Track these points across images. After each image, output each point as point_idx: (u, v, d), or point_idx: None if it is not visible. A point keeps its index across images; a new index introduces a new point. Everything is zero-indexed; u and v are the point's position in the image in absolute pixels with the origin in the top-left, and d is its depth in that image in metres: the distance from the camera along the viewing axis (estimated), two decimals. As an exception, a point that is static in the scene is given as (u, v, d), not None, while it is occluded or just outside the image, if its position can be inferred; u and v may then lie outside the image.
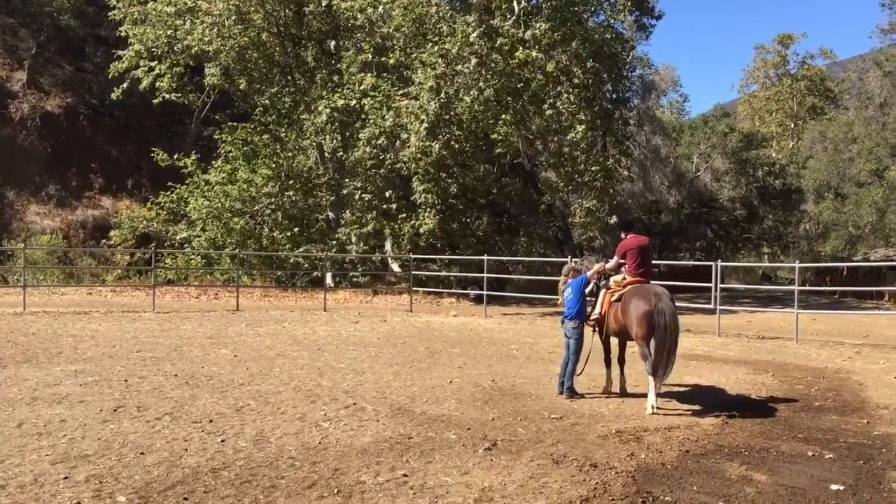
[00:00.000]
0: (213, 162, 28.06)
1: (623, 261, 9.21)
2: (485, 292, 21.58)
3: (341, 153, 26.19)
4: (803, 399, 9.40)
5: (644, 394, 8.70)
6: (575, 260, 11.73)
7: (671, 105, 65.92)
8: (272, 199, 26.64)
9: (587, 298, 9.29)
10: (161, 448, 6.50)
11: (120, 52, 26.85)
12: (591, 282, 9.36)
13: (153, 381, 9.54)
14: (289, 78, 27.32)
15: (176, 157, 27.17)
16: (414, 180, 25.12)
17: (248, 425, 7.37)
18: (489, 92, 22.44)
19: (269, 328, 16.13)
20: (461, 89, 22.40)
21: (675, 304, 8.57)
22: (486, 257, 22.40)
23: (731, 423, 7.96)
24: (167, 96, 26.58)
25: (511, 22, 22.56)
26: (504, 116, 23.49)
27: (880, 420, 8.27)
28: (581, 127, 22.74)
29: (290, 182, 26.92)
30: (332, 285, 25.40)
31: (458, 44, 21.54)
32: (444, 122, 22.99)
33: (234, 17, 24.83)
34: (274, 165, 26.96)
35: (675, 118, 61.68)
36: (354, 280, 26.57)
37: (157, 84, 26.35)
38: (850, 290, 31.63)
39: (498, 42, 21.99)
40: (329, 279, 25.56)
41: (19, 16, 34.54)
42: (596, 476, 6.00)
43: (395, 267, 27.92)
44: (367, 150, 24.46)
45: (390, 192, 26.15)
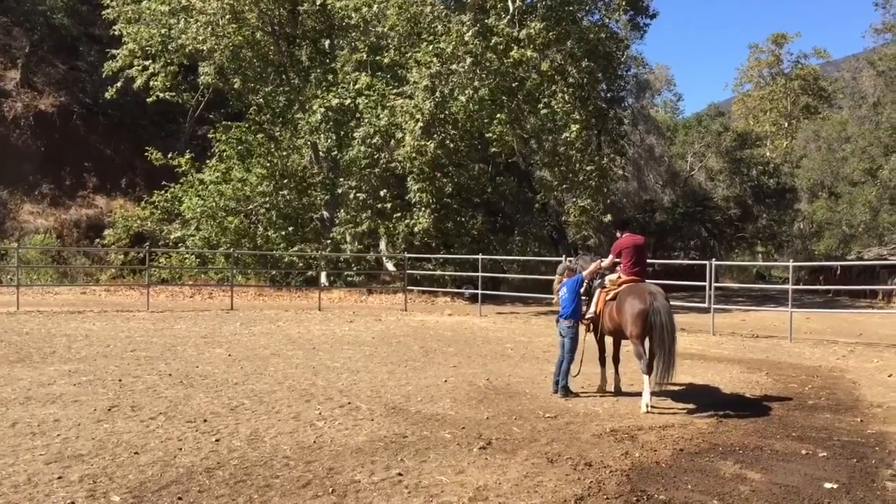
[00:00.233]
0: (208, 161, 27.97)
1: (618, 260, 9.21)
2: (479, 291, 21.57)
3: (336, 152, 26.16)
4: (797, 397, 9.43)
5: (638, 393, 8.72)
6: (570, 259, 11.72)
7: (665, 104, 66.16)
8: (266, 199, 26.58)
9: (581, 297, 9.30)
10: (155, 447, 6.49)
11: (114, 51, 26.74)
12: (586, 281, 9.38)
13: (147, 381, 9.51)
14: (283, 77, 27.26)
15: (170, 156, 27.06)
16: (409, 179, 25.14)
17: (243, 424, 7.36)
18: (484, 91, 22.47)
19: (263, 327, 16.11)
20: (456, 88, 22.41)
21: (670, 302, 8.59)
22: (480, 256, 22.41)
23: (725, 421, 7.97)
24: (161, 95, 26.47)
25: (506, 21, 22.57)
26: (499, 116, 23.53)
27: (874, 418, 8.30)
28: (576, 126, 22.79)
29: (285, 181, 26.87)
30: (327, 284, 25.37)
31: (453, 43, 21.54)
32: (438, 121, 22.98)
33: (228, 16, 24.78)
34: (268, 164, 26.88)
35: (670, 117, 61.87)
36: (349, 279, 26.56)
37: (151, 83, 26.25)
38: (844, 289, 31.72)
39: (493, 41, 22.01)
40: (324, 278, 25.53)
41: (12, 14, 34.41)
42: (591, 475, 6.01)
43: (390, 266, 27.91)
44: (362, 149, 24.46)
45: (385, 191, 26.13)
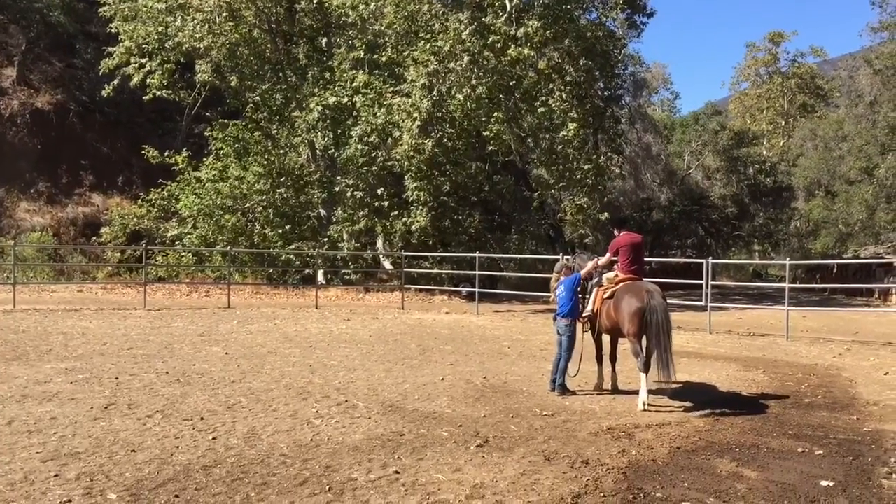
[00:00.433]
0: (205, 159, 27.95)
1: (615, 258, 9.21)
2: (476, 290, 21.58)
3: (333, 150, 26.15)
4: (793, 396, 9.45)
5: (635, 391, 8.73)
6: (567, 257, 11.72)
7: (662, 103, 66.26)
8: (263, 197, 26.56)
9: (579, 296, 9.31)
10: (152, 445, 6.48)
11: (110, 49, 26.72)
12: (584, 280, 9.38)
13: (144, 379, 9.50)
14: (280, 75, 27.23)
15: (167, 154, 27.06)
16: (406, 178, 25.13)
17: (240, 423, 7.35)
18: (481, 89, 22.46)
19: (260, 325, 16.09)
20: (453, 87, 22.40)
21: (667, 301, 8.59)
22: (477, 255, 22.41)
23: (721, 419, 7.99)
24: (158, 93, 26.46)
25: (503, 19, 22.57)
26: (496, 114, 23.53)
27: (870, 416, 8.32)
28: (573, 124, 22.81)
29: (282, 179, 26.85)
30: (324, 283, 25.36)
31: (451, 41, 21.53)
32: (436, 119, 22.98)
33: (225, 14, 24.75)
34: (265, 162, 26.86)
35: (667, 116, 61.92)
36: (346, 277, 26.56)
37: (148, 81, 26.25)
38: (841, 288, 31.79)
39: (490, 40, 22.00)
40: (321, 276, 25.53)
41: (9, 12, 34.33)
42: (587, 473, 6.01)
43: (387, 264, 27.91)
44: (359, 147, 24.46)
45: (382, 189, 26.13)
